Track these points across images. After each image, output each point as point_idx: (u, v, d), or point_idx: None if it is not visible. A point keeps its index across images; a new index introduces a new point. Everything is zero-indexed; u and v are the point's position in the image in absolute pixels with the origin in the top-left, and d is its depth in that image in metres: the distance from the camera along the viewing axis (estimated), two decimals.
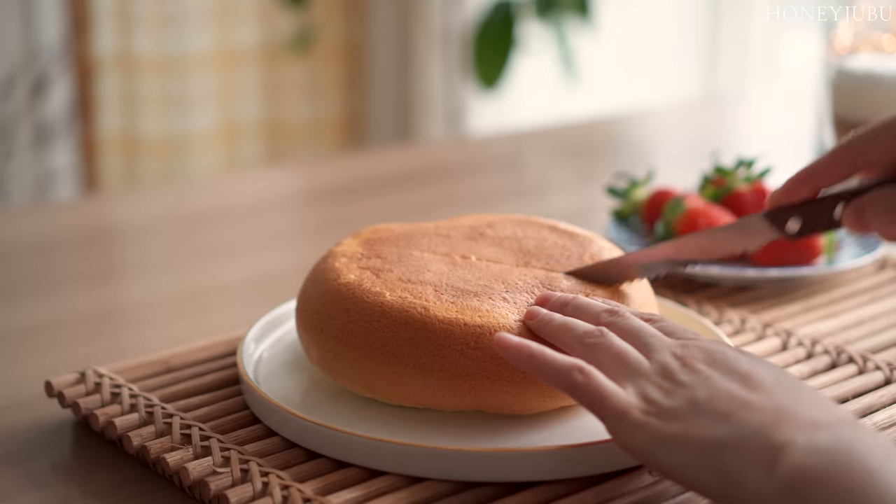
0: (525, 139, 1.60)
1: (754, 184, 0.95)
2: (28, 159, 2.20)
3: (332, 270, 0.69)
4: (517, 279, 0.68)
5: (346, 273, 0.68)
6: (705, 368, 0.55)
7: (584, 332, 0.60)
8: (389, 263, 0.70)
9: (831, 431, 0.49)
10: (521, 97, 2.73)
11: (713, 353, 0.56)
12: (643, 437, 0.53)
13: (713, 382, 0.53)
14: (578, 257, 0.72)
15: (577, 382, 0.55)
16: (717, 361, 0.55)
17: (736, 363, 0.55)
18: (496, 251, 0.73)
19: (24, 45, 2.16)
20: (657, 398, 0.54)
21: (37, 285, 0.99)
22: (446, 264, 0.70)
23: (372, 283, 0.67)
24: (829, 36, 1.24)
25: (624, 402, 0.54)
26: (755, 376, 0.54)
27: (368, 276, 0.68)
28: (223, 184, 1.49)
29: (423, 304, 0.64)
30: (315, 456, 0.62)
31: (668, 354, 0.56)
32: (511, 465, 0.59)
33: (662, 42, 3.04)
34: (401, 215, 1.06)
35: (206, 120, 2.48)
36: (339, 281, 0.68)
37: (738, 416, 0.51)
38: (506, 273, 0.69)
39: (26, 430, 0.69)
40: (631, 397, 0.54)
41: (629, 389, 0.55)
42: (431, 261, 0.70)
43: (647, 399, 0.54)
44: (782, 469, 0.48)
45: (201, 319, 0.91)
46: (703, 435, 0.51)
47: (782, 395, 0.52)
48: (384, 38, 2.70)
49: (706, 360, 0.55)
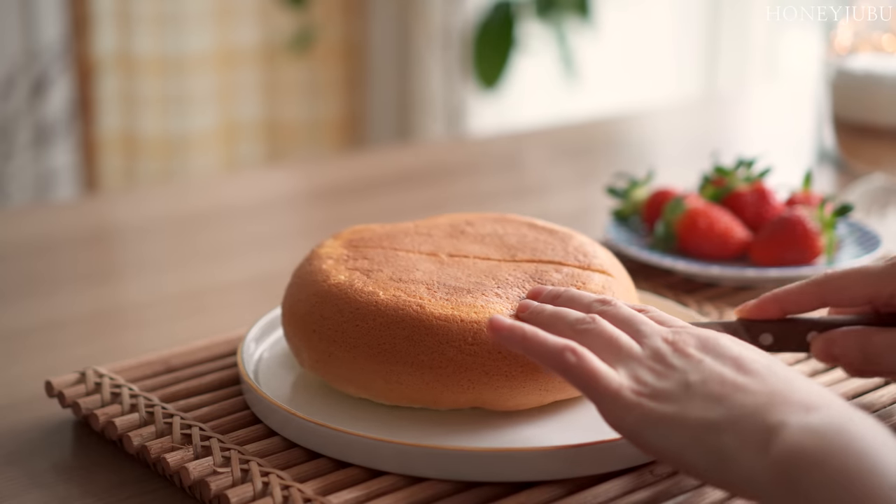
0: (525, 139, 1.60)
1: (754, 184, 0.95)
2: (28, 159, 2.20)
3: (319, 272, 0.69)
4: (507, 275, 0.68)
5: (336, 274, 0.68)
6: (697, 353, 0.55)
7: (576, 319, 0.60)
8: (378, 264, 0.70)
9: (824, 413, 0.49)
10: (521, 97, 2.73)
11: (705, 338, 0.56)
12: (634, 418, 0.53)
13: (705, 366, 0.54)
14: (563, 251, 0.72)
15: (569, 363, 0.56)
16: (708, 346, 0.55)
17: (728, 348, 0.55)
18: (481, 248, 0.73)
19: (24, 45, 2.16)
20: (649, 380, 0.54)
21: (37, 285, 0.99)
22: (434, 263, 0.70)
23: (364, 283, 0.67)
24: (829, 36, 1.24)
25: (615, 382, 0.54)
26: (747, 361, 0.54)
27: (359, 277, 0.68)
28: (223, 184, 1.49)
29: (417, 302, 0.64)
30: (315, 456, 0.62)
31: (659, 340, 0.57)
32: (511, 465, 0.59)
33: (662, 42, 3.04)
34: (401, 215, 1.06)
35: (205, 120, 2.48)
36: (329, 282, 0.68)
37: (731, 399, 0.51)
38: (494, 269, 0.69)
39: (26, 430, 0.69)
40: (623, 378, 0.55)
41: (621, 372, 0.55)
42: (419, 260, 0.70)
43: (639, 381, 0.54)
44: (775, 450, 0.48)
45: (201, 319, 0.91)
46: (696, 416, 0.51)
47: (775, 379, 0.52)
48: (384, 38, 2.70)
49: (698, 346, 0.56)
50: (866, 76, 1.19)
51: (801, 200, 0.95)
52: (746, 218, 0.93)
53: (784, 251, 0.89)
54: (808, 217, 0.89)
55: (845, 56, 1.22)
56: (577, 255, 0.72)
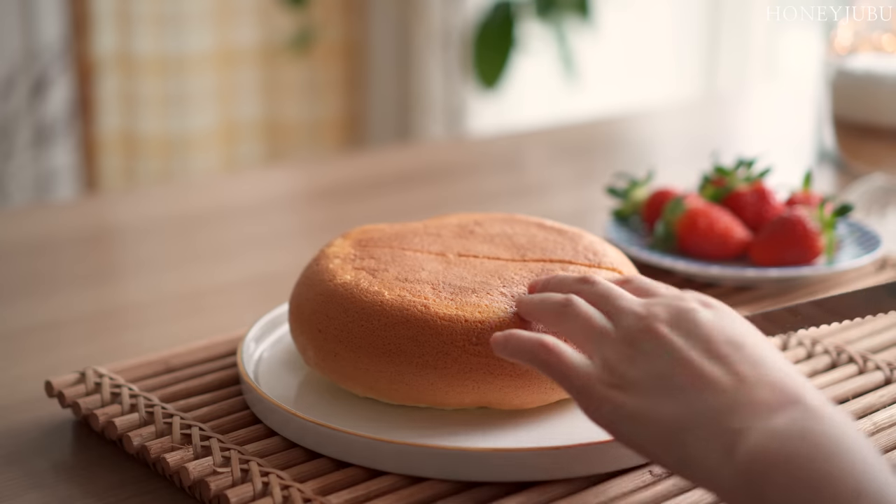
0: (525, 139, 1.60)
1: (754, 184, 0.95)
2: (28, 159, 2.20)
3: (326, 272, 0.69)
4: (513, 274, 0.68)
5: (342, 274, 0.68)
6: (668, 332, 0.54)
7: (554, 303, 0.60)
8: (384, 263, 0.70)
9: (788, 415, 0.49)
10: (521, 97, 2.73)
11: (678, 312, 0.55)
12: (607, 412, 0.53)
13: (675, 349, 0.53)
14: (573, 250, 0.72)
15: (543, 359, 0.56)
16: (680, 322, 0.55)
17: (700, 325, 0.54)
18: (490, 248, 0.73)
19: (24, 45, 2.16)
20: (620, 368, 0.54)
21: (37, 285, 0.99)
22: (440, 263, 0.70)
23: (369, 283, 0.67)
24: (829, 36, 1.24)
25: (585, 375, 0.54)
26: (717, 343, 0.53)
27: (365, 276, 0.68)
28: (223, 184, 1.49)
29: (422, 302, 0.64)
30: (315, 456, 0.62)
31: (632, 317, 0.56)
32: (511, 465, 0.59)
33: (662, 42, 3.04)
34: (401, 215, 1.06)
35: (205, 120, 2.48)
36: (335, 281, 0.68)
37: (696, 396, 0.51)
38: (501, 269, 0.69)
39: (26, 430, 0.69)
40: (594, 369, 0.55)
41: (595, 359, 0.55)
42: (426, 260, 0.70)
43: (610, 369, 0.54)
44: (739, 454, 0.48)
45: (201, 319, 0.91)
46: (663, 414, 0.51)
47: (745, 367, 0.52)
48: (384, 38, 2.70)
49: (669, 322, 0.55)
50: (866, 76, 1.19)
51: (801, 200, 0.95)
52: (746, 218, 0.93)
53: (784, 251, 0.89)
54: (808, 217, 0.89)
55: (845, 56, 1.22)
56: (587, 253, 0.72)
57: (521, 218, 0.78)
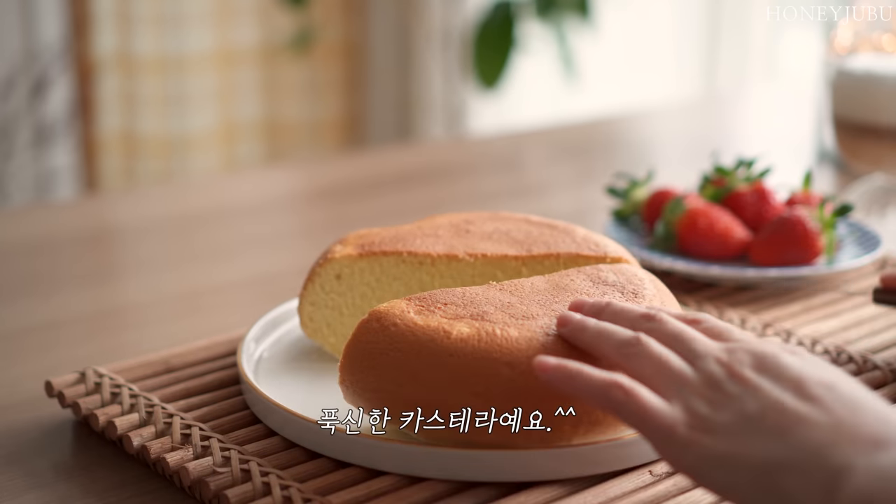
0: (525, 139, 1.60)
1: (754, 184, 0.95)
2: (28, 159, 2.20)
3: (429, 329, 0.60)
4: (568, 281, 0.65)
5: (448, 328, 0.60)
6: (754, 377, 0.51)
7: (621, 341, 0.56)
8: (452, 306, 0.63)
9: (892, 454, 0.46)
10: (521, 97, 2.73)
11: (762, 357, 0.52)
12: (692, 457, 0.50)
13: (764, 393, 0.50)
14: (573, 242, 0.72)
15: (618, 400, 0.52)
16: (766, 367, 0.51)
17: (788, 368, 0.51)
18: (492, 245, 0.73)
19: (24, 45, 2.16)
20: (704, 412, 0.50)
21: (37, 285, 0.99)
22: (490, 289, 0.65)
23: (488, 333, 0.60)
24: (829, 36, 1.24)
25: (669, 419, 0.51)
26: (808, 384, 0.50)
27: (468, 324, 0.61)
28: (222, 184, 1.49)
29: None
30: (315, 456, 0.62)
31: (712, 361, 0.53)
32: (511, 465, 0.59)
33: (662, 42, 3.04)
34: (401, 215, 1.06)
35: (205, 120, 2.48)
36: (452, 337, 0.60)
37: (793, 434, 0.48)
38: (546, 289, 0.65)
39: (26, 430, 0.69)
40: (676, 413, 0.51)
41: (674, 403, 0.51)
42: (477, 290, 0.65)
43: (693, 414, 0.51)
44: (843, 496, 0.46)
45: (201, 319, 0.91)
46: (755, 455, 0.48)
47: (840, 405, 0.49)
48: (384, 38, 2.70)
49: (755, 366, 0.52)
50: (866, 76, 1.19)
51: (801, 200, 0.95)
52: (746, 218, 0.93)
53: (784, 251, 0.89)
54: (808, 217, 0.89)
55: (845, 56, 1.22)
56: (589, 244, 0.72)
57: (506, 215, 0.78)
